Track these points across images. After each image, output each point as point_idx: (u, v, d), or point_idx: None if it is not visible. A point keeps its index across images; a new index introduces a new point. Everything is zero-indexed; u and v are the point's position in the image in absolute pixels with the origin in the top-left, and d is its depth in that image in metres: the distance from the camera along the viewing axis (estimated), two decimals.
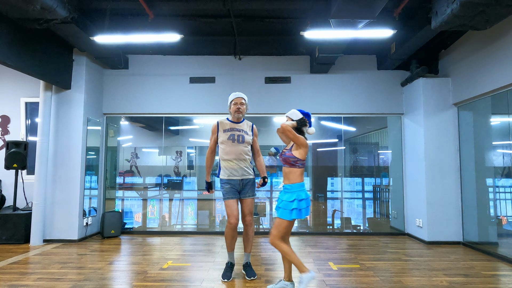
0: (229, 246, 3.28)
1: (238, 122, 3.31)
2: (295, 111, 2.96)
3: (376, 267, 3.62)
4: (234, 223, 3.15)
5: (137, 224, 5.67)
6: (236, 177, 3.20)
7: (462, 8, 3.15)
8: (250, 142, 3.31)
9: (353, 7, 3.36)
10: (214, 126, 3.32)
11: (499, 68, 3.94)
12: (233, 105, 3.28)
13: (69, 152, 4.88)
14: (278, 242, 2.79)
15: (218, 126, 3.30)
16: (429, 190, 4.82)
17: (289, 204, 2.75)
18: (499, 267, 3.71)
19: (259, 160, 3.41)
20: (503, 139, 4.22)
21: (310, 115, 2.96)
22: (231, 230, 3.19)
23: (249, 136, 3.29)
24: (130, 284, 3.10)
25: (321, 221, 5.75)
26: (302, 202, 2.75)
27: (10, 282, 3.14)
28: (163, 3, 4.28)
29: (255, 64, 5.60)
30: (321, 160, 6.01)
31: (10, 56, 3.76)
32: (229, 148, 3.19)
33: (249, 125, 3.37)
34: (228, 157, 3.19)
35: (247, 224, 3.26)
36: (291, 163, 2.81)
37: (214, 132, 3.30)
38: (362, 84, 5.56)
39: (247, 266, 3.33)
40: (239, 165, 3.20)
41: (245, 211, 3.26)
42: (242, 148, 3.22)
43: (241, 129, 3.28)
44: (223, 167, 3.24)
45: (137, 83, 5.59)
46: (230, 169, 3.20)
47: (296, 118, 2.89)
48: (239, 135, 3.23)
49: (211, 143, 3.32)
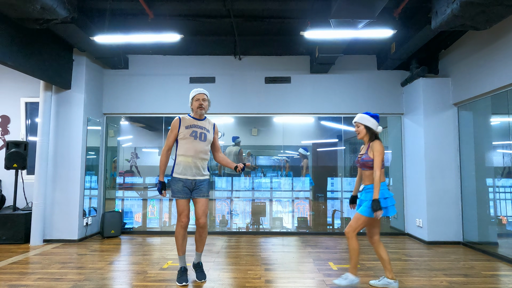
0: (180, 249, 3.11)
1: (200, 119, 3.17)
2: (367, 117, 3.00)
3: (376, 267, 3.62)
4: (185, 222, 3.05)
5: (137, 224, 5.67)
6: (189, 176, 3.05)
7: (462, 8, 3.15)
8: (211, 141, 3.20)
9: (353, 7, 3.36)
10: (175, 122, 3.12)
11: (499, 68, 3.94)
12: (195, 101, 3.14)
13: (69, 152, 4.88)
14: (352, 234, 2.88)
15: (180, 121, 3.12)
16: (429, 190, 4.81)
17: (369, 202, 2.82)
18: (499, 267, 3.71)
19: (222, 156, 3.29)
20: (503, 139, 4.22)
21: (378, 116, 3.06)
22: (182, 229, 3.06)
23: (210, 135, 3.17)
24: (130, 284, 3.10)
25: (321, 221, 5.75)
26: (388, 200, 2.82)
27: (10, 282, 3.14)
28: (163, 3, 4.28)
29: (255, 64, 5.60)
30: (321, 160, 6.01)
31: (10, 56, 3.76)
32: (189, 145, 3.05)
33: (211, 123, 3.25)
34: (186, 153, 3.05)
35: (201, 226, 3.09)
36: (370, 166, 2.89)
37: (175, 128, 3.10)
38: (362, 84, 5.56)
39: (198, 267, 3.22)
40: (196, 163, 3.06)
41: (199, 212, 3.08)
42: (203, 146, 3.10)
43: (203, 126, 3.14)
44: (178, 163, 3.08)
45: (137, 83, 5.59)
46: (185, 167, 3.05)
47: (373, 126, 2.97)
48: (201, 133, 3.10)
49: (170, 140, 3.12)
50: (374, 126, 2.98)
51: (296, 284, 3.09)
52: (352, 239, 2.89)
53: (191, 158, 3.05)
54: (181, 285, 3.03)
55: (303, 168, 5.82)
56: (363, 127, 3.01)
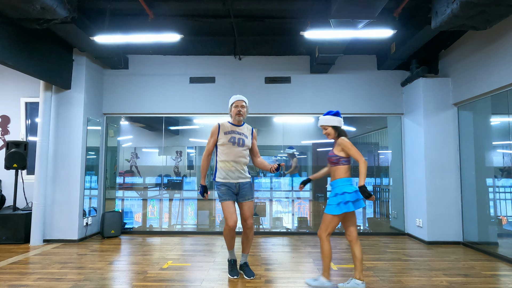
0: (229, 245, 3.28)
1: (238, 125, 3.28)
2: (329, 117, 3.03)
3: (376, 267, 3.62)
4: (233, 225, 3.11)
5: (137, 224, 5.67)
6: (232, 179, 3.17)
7: (462, 8, 3.15)
8: (250, 146, 3.29)
9: (353, 7, 3.36)
10: (215, 128, 3.25)
11: (499, 68, 3.94)
12: (234, 107, 3.24)
13: (69, 152, 4.88)
14: (324, 236, 2.90)
15: (219, 128, 3.24)
16: (429, 190, 4.81)
17: (333, 199, 2.89)
18: (499, 267, 3.71)
19: (260, 160, 3.40)
20: (503, 139, 4.22)
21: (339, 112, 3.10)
22: (230, 231, 3.15)
23: (248, 140, 3.28)
24: (130, 284, 3.10)
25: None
26: (345, 195, 2.82)
27: (10, 282, 3.14)
28: (163, 3, 4.28)
29: (255, 64, 5.60)
30: (321, 160, 6.01)
31: (10, 56, 3.76)
32: (229, 150, 3.17)
33: (249, 128, 3.36)
34: (227, 159, 3.16)
35: (249, 227, 3.22)
36: (333, 162, 2.97)
37: (215, 134, 3.24)
38: (362, 84, 5.56)
39: (245, 266, 3.32)
40: (236, 167, 3.17)
41: (246, 214, 3.21)
42: (241, 151, 3.20)
43: (242, 132, 3.26)
44: (220, 169, 3.20)
45: (137, 83, 5.59)
46: (227, 171, 3.16)
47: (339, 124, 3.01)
48: (240, 138, 3.21)
49: (210, 145, 3.25)
50: (339, 123, 3.03)
51: (296, 284, 3.09)
52: (324, 241, 2.89)
53: (231, 163, 3.17)
54: (233, 278, 3.22)
55: (291, 167, 5.85)
56: (330, 128, 3.04)
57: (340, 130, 3.02)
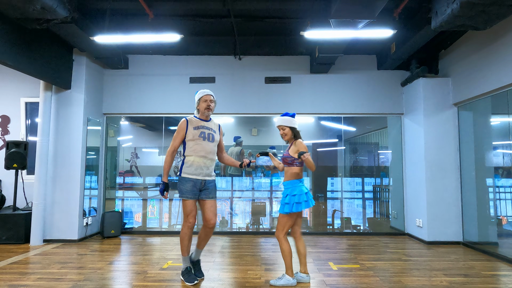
0: (186, 250, 3.10)
1: (206, 120, 3.18)
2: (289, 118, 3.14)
3: (376, 267, 3.62)
4: (193, 222, 3.06)
5: (137, 224, 5.67)
6: (200, 176, 3.05)
7: (462, 8, 3.15)
8: (218, 141, 3.23)
9: (353, 7, 3.36)
10: (182, 123, 3.10)
11: (499, 68, 3.94)
12: (202, 102, 3.14)
13: (69, 152, 4.88)
14: (281, 237, 3.03)
15: (187, 123, 3.10)
16: (429, 190, 4.81)
17: (283, 199, 3.06)
18: (499, 267, 3.71)
19: (226, 156, 3.38)
20: (503, 139, 4.22)
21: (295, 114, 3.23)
22: (189, 230, 3.06)
23: (217, 135, 3.21)
24: (130, 284, 3.10)
25: (321, 221, 5.75)
26: (294, 197, 2.98)
27: (10, 282, 3.14)
28: (163, 3, 4.28)
29: (255, 64, 5.60)
30: (321, 160, 6.01)
31: (10, 56, 3.76)
32: (200, 146, 3.05)
33: (216, 124, 3.27)
34: (198, 154, 3.05)
35: (211, 227, 3.12)
36: (288, 163, 3.10)
37: (183, 130, 3.08)
38: (362, 84, 5.56)
39: (197, 265, 3.23)
40: (206, 163, 3.08)
41: (209, 214, 3.10)
42: (212, 147, 3.12)
43: (210, 127, 3.17)
44: (190, 164, 3.05)
45: (137, 83, 5.59)
46: (197, 167, 3.04)
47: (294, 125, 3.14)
48: (209, 134, 3.12)
49: (177, 141, 3.09)
50: (296, 125, 3.14)
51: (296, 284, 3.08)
52: (282, 241, 3.02)
53: (202, 158, 3.07)
54: (193, 285, 3.04)
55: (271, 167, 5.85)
56: (288, 129, 3.13)
57: (296, 132, 3.14)
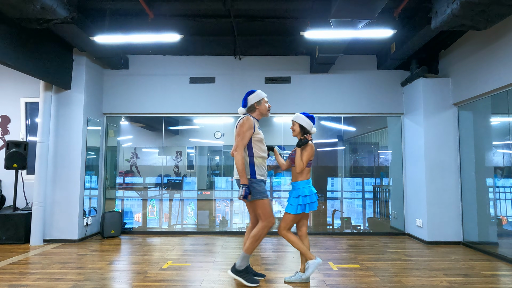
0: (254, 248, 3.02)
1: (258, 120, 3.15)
2: (303, 117, 3.13)
3: (376, 267, 3.62)
4: (274, 222, 3.00)
5: (137, 224, 5.67)
6: (265, 177, 3.04)
7: (462, 8, 3.15)
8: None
9: (353, 7, 3.36)
10: (251, 121, 2.93)
11: (499, 68, 3.94)
12: (264, 102, 3.09)
13: (69, 152, 4.88)
14: (285, 232, 3.06)
15: (254, 122, 2.98)
16: (429, 190, 4.81)
17: (295, 200, 3.04)
18: (499, 267, 3.71)
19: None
20: (503, 139, 4.22)
21: (314, 118, 3.21)
22: (268, 229, 2.99)
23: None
24: (130, 284, 3.10)
25: (321, 221, 5.75)
26: (306, 198, 3.01)
27: (10, 282, 3.14)
28: (163, 3, 4.28)
29: (255, 64, 5.60)
30: (321, 160, 6.01)
31: (10, 56, 3.76)
32: (264, 146, 3.04)
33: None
34: (264, 155, 3.02)
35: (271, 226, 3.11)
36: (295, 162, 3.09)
37: (251, 128, 2.92)
38: (362, 84, 5.56)
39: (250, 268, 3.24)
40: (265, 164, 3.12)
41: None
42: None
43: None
44: (258, 165, 2.97)
45: (137, 83, 5.59)
46: (263, 167, 3.03)
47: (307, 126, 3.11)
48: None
49: (246, 140, 2.91)
50: (308, 126, 3.11)
51: (296, 284, 3.08)
52: (287, 235, 3.05)
53: (265, 159, 3.08)
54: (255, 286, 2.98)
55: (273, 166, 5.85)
56: (298, 125, 3.14)
57: (306, 132, 3.12)
